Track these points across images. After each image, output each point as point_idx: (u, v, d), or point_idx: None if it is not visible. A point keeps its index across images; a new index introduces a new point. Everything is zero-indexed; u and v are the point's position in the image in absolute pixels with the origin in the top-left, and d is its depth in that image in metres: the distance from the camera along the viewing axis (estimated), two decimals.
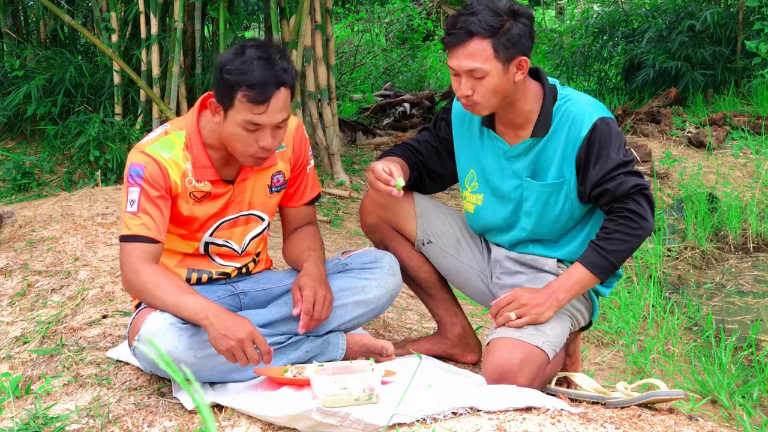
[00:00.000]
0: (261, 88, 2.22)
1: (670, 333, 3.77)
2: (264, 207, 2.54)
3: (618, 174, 2.34)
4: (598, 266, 2.38)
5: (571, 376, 2.49)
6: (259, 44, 2.30)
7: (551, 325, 2.40)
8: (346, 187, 5.61)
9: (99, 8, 5.70)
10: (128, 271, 2.34)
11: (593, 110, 2.38)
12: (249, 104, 2.24)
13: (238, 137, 2.29)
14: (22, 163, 5.26)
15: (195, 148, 2.39)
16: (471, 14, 2.30)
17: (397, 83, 10.79)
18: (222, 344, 2.20)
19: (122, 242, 2.36)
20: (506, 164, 2.49)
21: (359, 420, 2.08)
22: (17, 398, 2.49)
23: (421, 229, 2.67)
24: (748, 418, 2.89)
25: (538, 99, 2.42)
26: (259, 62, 2.23)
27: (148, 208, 2.33)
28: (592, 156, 2.36)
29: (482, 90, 2.32)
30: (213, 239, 2.50)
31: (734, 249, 5.51)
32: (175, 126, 2.43)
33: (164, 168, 2.35)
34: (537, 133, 2.42)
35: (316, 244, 2.59)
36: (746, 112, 7.46)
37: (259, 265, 2.65)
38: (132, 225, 2.34)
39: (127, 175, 2.36)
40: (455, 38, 2.31)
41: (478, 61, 2.29)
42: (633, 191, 2.34)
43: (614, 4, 10.03)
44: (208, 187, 2.42)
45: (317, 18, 5.65)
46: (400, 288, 2.64)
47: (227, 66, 2.25)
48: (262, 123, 2.26)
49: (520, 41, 2.32)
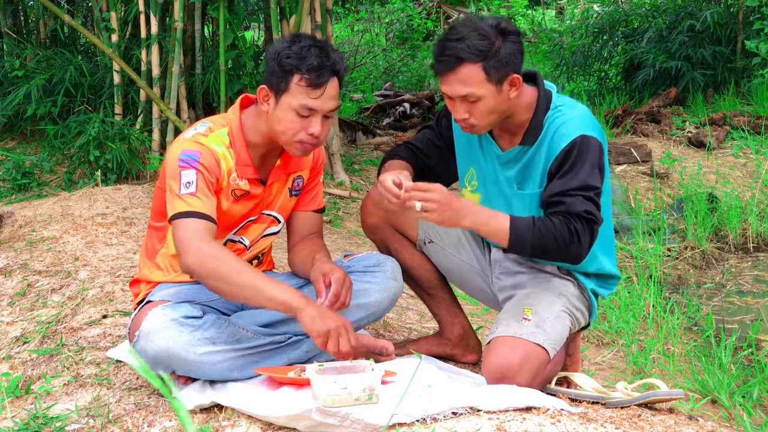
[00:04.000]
0: (318, 72, 2.28)
1: (670, 333, 3.77)
2: (282, 209, 2.57)
3: (578, 194, 2.30)
4: (518, 237, 2.29)
5: (571, 376, 2.49)
6: (311, 36, 2.38)
7: (551, 323, 2.40)
8: (346, 187, 5.61)
9: (99, 8, 5.70)
10: (193, 245, 2.22)
11: (579, 126, 2.34)
12: (306, 88, 2.28)
13: (288, 123, 2.31)
14: (22, 163, 5.26)
15: (238, 146, 2.40)
16: (458, 40, 2.25)
17: (397, 83, 10.80)
18: (321, 325, 2.21)
19: (180, 219, 2.26)
20: (499, 169, 2.48)
21: (359, 420, 2.08)
22: (17, 398, 2.50)
23: (422, 229, 2.67)
24: (748, 418, 2.89)
25: (532, 107, 2.39)
26: (315, 49, 2.30)
27: (206, 191, 2.30)
28: (561, 169, 2.32)
29: (478, 113, 2.30)
30: (233, 236, 2.51)
31: (734, 249, 5.51)
32: (217, 124, 2.43)
33: (218, 159, 2.35)
34: (526, 141, 2.39)
35: (323, 249, 2.59)
36: (746, 112, 7.46)
37: (263, 265, 2.66)
38: (192, 202, 2.27)
39: (178, 161, 2.30)
40: (445, 65, 2.27)
41: (471, 86, 2.26)
42: (585, 216, 2.29)
43: (614, 4, 10.03)
44: (248, 186, 2.43)
45: (317, 18, 5.66)
46: (402, 292, 2.64)
47: (284, 51, 2.30)
48: (316, 108, 2.30)
49: (510, 60, 2.28)
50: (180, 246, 2.26)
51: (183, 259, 2.25)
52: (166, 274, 2.49)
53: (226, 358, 2.30)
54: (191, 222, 2.25)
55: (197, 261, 2.22)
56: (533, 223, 2.30)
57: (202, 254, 2.22)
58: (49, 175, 5.35)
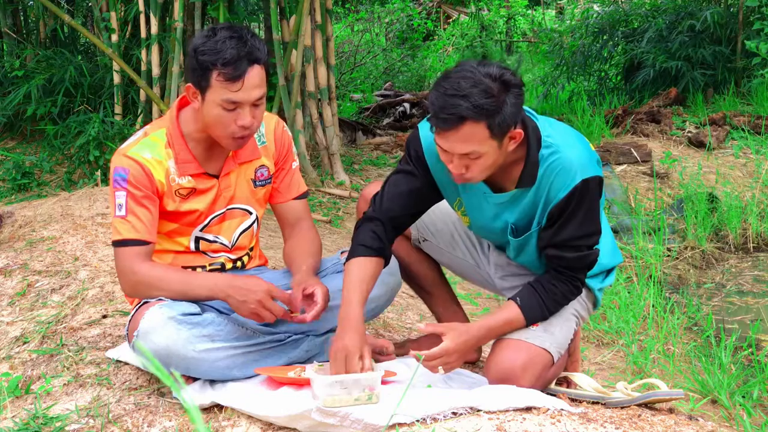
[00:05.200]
0: (235, 64, 2.26)
1: (670, 333, 3.77)
2: (249, 201, 2.56)
3: (580, 245, 2.31)
4: (533, 317, 2.36)
5: (571, 376, 2.49)
6: (229, 26, 2.34)
7: (559, 327, 2.40)
8: (346, 187, 5.61)
9: (99, 8, 5.70)
10: (126, 274, 2.38)
11: (579, 170, 2.24)
12: (225, 82, 2.27)
13: (217, 119, 2.32)
14: (22, 163, 5.26)
15: (176, 144, 2.41)
16: (461, 97, 2.07)
17: (397, 83, 10.80)
18: (244, 311, 2.30)
19: (116, 248, 2.40)
20: (488, 207, 2.41)
21: (359, 420, 2.08)
22: (17, 398, 2.49)
23: (416, 228, 2.68)
24: (748, 418, 2.89)
25: (522, 149, 2.27)
26: (231, 41, 2.27)
27: (136, 210, 2.37)
28: (562, 215, 2.28)
29: (477, 168, 2.19)
30: (203, 234, 2.51)
31: (734, 249, 5.51)
32: (155, 126, 2.46)
33: (147, 169, 2.38)
34: (522, 184, 2.30)
35: (314, 247, 2.59)
36: (746, 112, 7.46)
37: (253, 260, 2.66)
38: (122, 229, 2.37)
39: (112, 180, 2.40)
40: (447, 123, 2.10)
41: (474, 144, 2.12)
42: (587, 268, 2.36)
43: (614, 4, 10.03)
44: (192, 182, 2.43)
45: (317, 18, 5.66)
46: (400, 287, 2.65)
47: (200, 48, 2.29)
48: (239, 100, 2.29)
49: (514, 115, 2.13)
50: (119, 275, 2.41)
51: (122, 288, 2.44)
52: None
53: (225, 356, 2.30)
54: (122, 252, 2.38)
55: (130, 287, 2.40)
56: (541, 300, 2.35)
57: (132, 280, 2.37)
58: (49, 175, 5.35)
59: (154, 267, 2.38)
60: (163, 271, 2.39)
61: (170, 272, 2.39)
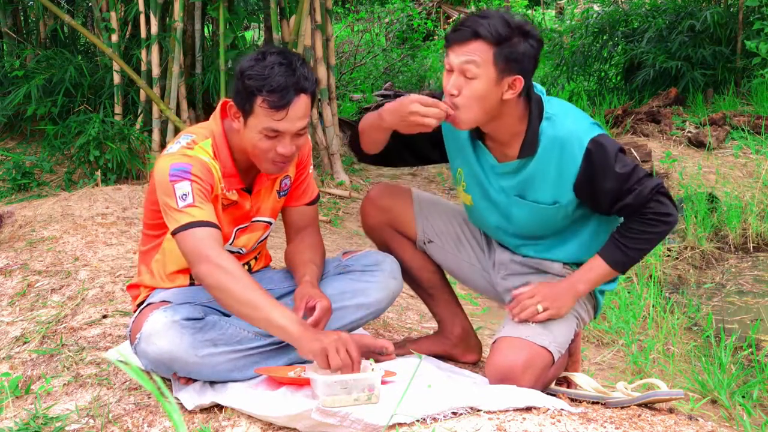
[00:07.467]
0: (281, 93, 2.20)
1: (670, 333, 3.77)
2: (271, 212, 2.55)
3: (631, 186, 2.31)
4: (620, 263, 2.39)
5: (571, 376, 2.49)
6: (280, 51, 2.27)
7: (559, 326, 2.40)
8: (346, 187, 5.61)
9: (99, 8, 5.70)
10: (202, 257, 2.20)
11: (581, 133, 2.31)
12: (269, 110, 2.21)
13: (257, 144, 2.27)
14: (22, 163, 5.27)
15: (223, 157, 2.35)
16: (482, 17, 2.23)
17: (397, 83, 10.80)
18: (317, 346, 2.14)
19: (184, 231, 2.22)
20: (493, 178, 2.44)
21: (359, 420, 2.08)
22: (17, 398, 2.50)
23: (421, 229, 2.67)
24: (748, 418, 2.89)
25: (524, 118, 2.34)
26: (279, 68, 2.21)
27: (203, 200, 2.26)
28: (596, 180, 2.31)
29: (468, 93, 2.24)
30: (231, 248, 2.48)
31: (734, 249, 5.51)
32: (200, 135, 2.37)
33: (209, 167, 2.31)
34: (524, 153, 2.35)
35: (317, 256, 2.58)
36: (746, 112, 7.47)
37: (259, 262, 2.66)
38: (194, 212, 2.22)
39: (168, 176, 2.25)
40: (460, 35, 2.23)
41: (475, 59, 2.22)
42: (652, 195, 2.32)
43: (614, 4, 10.03)
44: (235, 196, 2.40)
45: (317, 18, 5.66)
46: (401, 291, 2.64)
47: (248, 71, 2.22)
48: (281, 130, 2.24)
49: (521, 59, 2.23)
50: (190, 258, 2.23)
51: (194, 269, 2.24)
52: (158, 281, 2.48)
53: (227, 360, 2.30)
54: (196, 232, 2.21)
55: (207, 271, 2.20)
56: (617, 241, 2.37)
57: (212, 265, 2.19)
58: (49, 175, 5.35)
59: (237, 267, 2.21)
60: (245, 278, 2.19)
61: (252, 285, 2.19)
